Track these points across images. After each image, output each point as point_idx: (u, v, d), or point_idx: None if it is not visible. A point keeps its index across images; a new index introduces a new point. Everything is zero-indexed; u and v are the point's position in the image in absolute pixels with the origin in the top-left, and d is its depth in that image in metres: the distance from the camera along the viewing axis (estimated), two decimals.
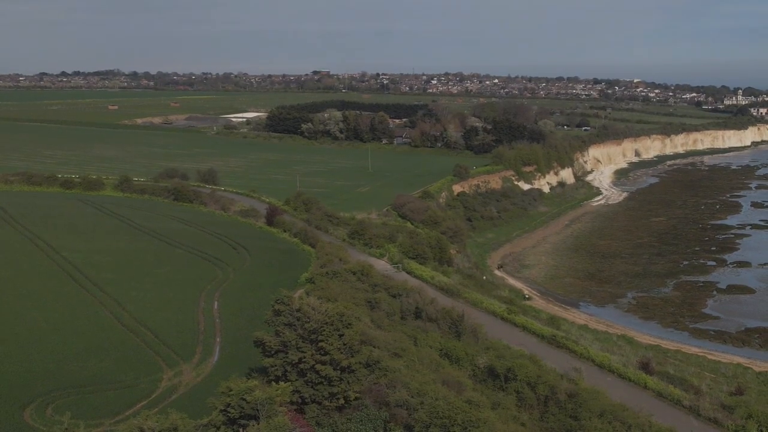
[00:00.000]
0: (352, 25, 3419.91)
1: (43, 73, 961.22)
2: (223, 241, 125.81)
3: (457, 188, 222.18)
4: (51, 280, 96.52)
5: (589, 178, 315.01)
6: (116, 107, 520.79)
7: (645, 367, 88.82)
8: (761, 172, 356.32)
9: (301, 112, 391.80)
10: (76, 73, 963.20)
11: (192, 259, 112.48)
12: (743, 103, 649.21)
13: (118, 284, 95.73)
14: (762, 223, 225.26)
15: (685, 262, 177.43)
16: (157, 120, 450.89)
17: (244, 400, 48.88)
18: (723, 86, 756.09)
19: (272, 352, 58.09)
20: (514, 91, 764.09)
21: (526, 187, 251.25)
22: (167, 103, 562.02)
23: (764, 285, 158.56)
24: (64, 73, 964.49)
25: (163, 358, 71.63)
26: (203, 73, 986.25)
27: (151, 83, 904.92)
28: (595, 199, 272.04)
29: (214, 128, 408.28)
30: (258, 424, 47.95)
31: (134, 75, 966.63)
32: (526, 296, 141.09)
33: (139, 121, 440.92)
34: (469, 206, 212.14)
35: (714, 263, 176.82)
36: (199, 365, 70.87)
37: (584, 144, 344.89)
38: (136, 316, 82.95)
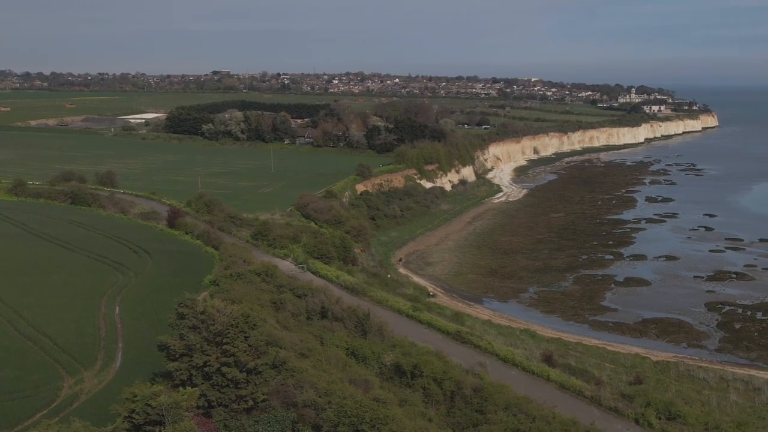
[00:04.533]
0: (250, 25, 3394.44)
1: None
2: (124, 245, 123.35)
3: (360, 187, 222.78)
4: None
5: (489, 175, 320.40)
6: (8, 108, 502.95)
7: (547, 359, 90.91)
8: (654, 168, 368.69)
9: (202, 113, 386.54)
10: None
11: (91, 264, 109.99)
12: (636, 101, 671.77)
13: (13, 291, 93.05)
14: (656, 217, 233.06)
15: (584, 257, 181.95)
16: (51, 122, 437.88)
17: (149, 405, 48.15)
18: (617, 84, 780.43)
19: (177, 356, 57.35)
20: (414, 91, 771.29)
21: (428, 185, 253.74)
22: (62, 105, 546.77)
23: (659, 277, 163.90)
24: None
25: (63, 366, 69.92)
26: (99, 74, 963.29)
27: (45, 84, 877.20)
28: (496, 196, 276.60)
29: (112, 129, 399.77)
30: (164, 429, 47.29)
31: (27, 75, 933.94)
32: (431, 293, 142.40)
33: (33, 122, 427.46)
34: (372, 205, 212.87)
35: (611, 257, 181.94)
36: (101, 372, 69.41)
37: (484, 142, 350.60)
38: (33, 323, 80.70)
